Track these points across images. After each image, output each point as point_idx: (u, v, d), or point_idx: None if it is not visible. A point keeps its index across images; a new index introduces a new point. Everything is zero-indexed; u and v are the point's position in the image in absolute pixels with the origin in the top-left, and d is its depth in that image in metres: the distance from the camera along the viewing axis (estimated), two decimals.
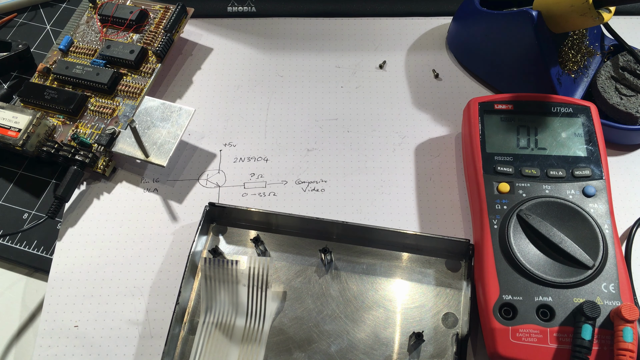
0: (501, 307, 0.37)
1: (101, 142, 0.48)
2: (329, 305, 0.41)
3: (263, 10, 0.58)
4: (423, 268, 0.43)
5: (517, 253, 0.38)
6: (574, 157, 0.43)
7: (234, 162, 0.50)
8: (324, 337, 0.40)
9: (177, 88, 0.54)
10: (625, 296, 0.37)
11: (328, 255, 0.42)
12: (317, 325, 0.41)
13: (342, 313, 0.41)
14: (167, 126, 0.48)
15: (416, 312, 0.41)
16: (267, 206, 0.47)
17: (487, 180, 0.42)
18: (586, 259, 0.38)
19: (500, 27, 0.48)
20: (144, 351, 0.41)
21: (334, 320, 0.41)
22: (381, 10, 0.58)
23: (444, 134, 0.50)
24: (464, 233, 0.45)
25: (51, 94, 0.50)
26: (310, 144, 0.50)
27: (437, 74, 0.54)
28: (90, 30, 0.55)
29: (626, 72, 0.48)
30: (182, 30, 0.54)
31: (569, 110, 0.45)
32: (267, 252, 0.44)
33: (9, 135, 0.47)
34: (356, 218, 0.46)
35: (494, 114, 0.45)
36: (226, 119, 0.52)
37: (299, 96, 0.53)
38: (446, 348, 0.39)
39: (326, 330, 0.40)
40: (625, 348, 0.34)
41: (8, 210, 0.48)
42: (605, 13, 0.43)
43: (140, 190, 0.48)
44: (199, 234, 0.43)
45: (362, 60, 0.55)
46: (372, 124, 0.51)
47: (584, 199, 0.41)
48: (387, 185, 0.48)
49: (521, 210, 0.40)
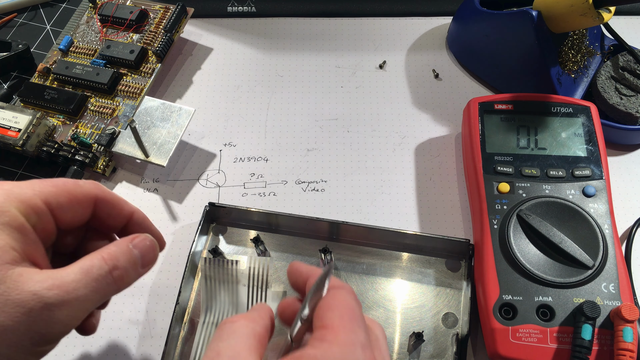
0: (501, 307, 0.37)
1: (101, 142, 0.48)
2: None
3: (263, 10, 0.58)
4: (423, 268, 0.43)
5: (517, 253, 0.38)
6: (574, 157, 0.43)
7: (234, 162, 0.50)
8: None
9: (177, 88, 0.54)
10: (625, 296, 0.37)
11: (328, 255, 0.42)
12: None
13: None
14: (167, 126, 0.48)
15: (416, 312, 0.41)
16: (267, 206, 0.47)
17: (487, 180, 0.42)
18: (586, 259, 0.38)
19: (500, 27, 0.48)
20: (144, 351, 0.41)
21: None
22: (381, 10, 0.58)
23: (444, 134, 0.50)
24: (464, 233, 0.45)
25: (51, 94, 0.50)
26: (310, 144, 0.50)
27: (437, 74, 0.54)
28: (90, 30, 0.55)
29: (626, 72, 0.48)
30: (182, 30, 0.54)
31: (569, 110, 0.45)
32: (267, 252, 0.44)
33: (9, 135, 0.47)
34: (356, 218, 0.46)
35: (494, 114, 0.45)
36: (226, 119, 0.52)
37: (299, 96, 0.53)
38: (446, 348, 0.39)
39: None
40: (625, 348, 0.34)
41: None
42: (605, 13, 0.43)
43: (140, 190, 0.48)
44: (199, 234, 0.43)
45: (362, 60, 0.55)
46: (372, 124, 0.51)
47: (584, 199, 0.41)
48: (387, 185, 0.48)
49: (521, 210, 0.40)
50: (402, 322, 0.41)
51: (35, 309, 0.27)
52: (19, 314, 0.27)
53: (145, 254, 0.32)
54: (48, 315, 0.27)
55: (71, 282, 0.28)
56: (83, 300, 0.28)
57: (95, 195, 0.33)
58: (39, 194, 0.30)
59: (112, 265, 0.30)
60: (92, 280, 0.29)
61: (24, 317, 0.27)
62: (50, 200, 0.30)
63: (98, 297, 0.29)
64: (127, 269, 0.31)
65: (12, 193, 0.29)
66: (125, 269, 0.31)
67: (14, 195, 0.29)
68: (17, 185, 0.30)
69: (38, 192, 0.30)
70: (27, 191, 0.30)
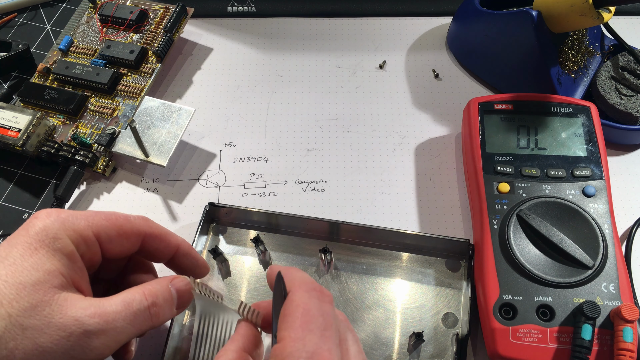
0: (501, 307, 0.37)
1: (101, 142, 0.48)
2: None
3: (263, 10, 0.58)
4: (423, 268, 0.43)
5: (517, 253, 0.38)
6: (574, 157, 0.43)
7: (234, 162, 0.50)
8: None
9: (177, 88, 0.54)
10: (625, 296, 0.37)
11: (328, 255, 0.42)
12: None
13: None
14: (167, 126, 0.48)
15: (416, 312, 0.41)
16: (267, 206, 0.47)
17: (487, 180, 0.42)
18: (586, 259, 0.38)
19: (500, 27, 0.48)
20: (144, 351, 0.41)
21: None
22: (381, 10, 0.58)
23: (444, 134, 0.50)
24: (464, 233, 0.45)
25: (51, 94, 0.50)
26: (310, 144, 0.50)
27: (437, 74, 0.54)
28: (90, 30, 0.55)
29: (626, 72, 0.48)
30: (182, 30, 0.54)
31: (569, 110, 0.45)
32: (267, 252, 0.44)
33: (9, 135, 0.47)
34: (356, 218, 0.46)
35: (494, 114, 0.45)
36: (226, 119, 0.52)
37: (299, 96, 0.53)
38: (446, 348, 0.39)
39: None
40: (625, 348, 0.34)
41: (8, 210, 0.48)
42: (605, 13, 0.43)
43: (140, 190, 0.48)
44: (199, 234, 0.43)
45: (362, 60, 0.55)
46: (372, 124, 0.51)
47: (584, 199, 0.41)
48: (387, 185, 0.48)
49: (521, 210, 0.40)
50: (402, 322, 0.41)
51: (75, 334, 0.28)
52: (59, 337, 0.28)
53: (181, 295, 0.34)
54: (86, 342, 0.29)
55: (112, 312, 0.30)
56: (120, 331, 0.30)
57: (143, 231, 0.35)
58: (91, 226, 0.32)
59: (152, 302, 0.32)
60: (131, 314, 0.31)
61: (64, 341, 0.28)
62: (100, 232, 0.32)
63: (134, 330, 0.31)
64: (164, 308, 0.33)
65: (67, 222, 0.31)
66: (162, 307, 0.32)
67: (68, 224, 0.31)
68: (73, 215, 0.32)
69: (91, 223, 0.32)
70: (81, 222, 0.32)
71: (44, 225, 0.30)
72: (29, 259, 0.29)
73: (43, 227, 0.30)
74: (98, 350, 0.29)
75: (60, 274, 0.30)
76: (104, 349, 0.29)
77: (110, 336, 0.29)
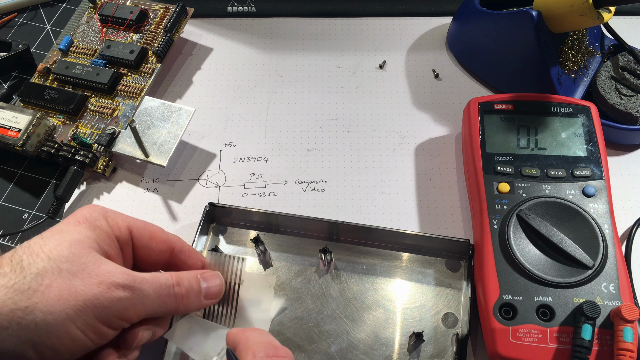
0: (501, 307, 0.37)
1: (101, 142, 0.48)
2: (329, 305, 0.41)
3: (263, 10, 0.58)
4: (423, 268, 0.43)
5: (517, 253, 0.38)
6: (574, 157, 0.43)
7: (234, 162, 0.50)
8: (324, 337, 0.40)
9: (177, 88, 0.54)
10: (625, 296, 0.37)
11: (328, 255, 0.42)
12: (317, 326, 0.41)
13: (342, 313, 0.41)
14: (167, 126, 0.48)
15: (416, 312, 0.41)
16: (267, 206, 0.47)
17: (487, 180, 0.42)
18: (586, 259, 0.38)
19: (500, 27, 0.48)
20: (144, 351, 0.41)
21: (334, 320, 0.41)
22: (381, 10, 0.58)
23: (444, 134, 0.50)
24: (464, 233, 0.45)
25: (51, 94, 0.50)
26: (310, 144, 0.50)
27: (437, 74, 0.54)
28: (90, 30, 0.55)
29: (626, 72, 0.48)
30: (182, 30, 0.54)
31: (569, 110, 0.45)
32: (267, 252, 0.44)
33: (9, 135, 0.47)
34: (356, 218, 0.46)
35: (494, 114, 0.45)
36: (226, 119, 0.52)
37: (299, 96, 0.53)
38: (446, 348, 0.39)
39: (326, 330, 0.40)
40: (625, 348, 0.34)
41: (8, 210, 0.48)
42: (605, 13, 0.43)
43: (140, 190, 0.48)
44: (199, 234, 0.43)
45: (362, 60, 0.55)
46: (372, 124, 0.51)
47: (584, 199, 0.41)
48: (387, 185, 0.48)
49: (521, 210, 0.40)
50: (402, 322, 0.41)
51: (105, 283, 0.31)
52: (91, 282, 0.31)
53: (210, 286, 0.37)
54: (114, 292, 0.32)
55: (140, 276, 0.33)
56: (146, 294, 0.33)
57: (174, 243, 0.38)
58: (126, 221, 0.36)
59: (176, 281, 0.35)
60: (158, 285, 0.34)
61: (94, 286, 0.31)
62: (134, 230, 0.36)
63: (157, 303, 0.34)
64: (189, 291, 0.35)
65: (108, 212, 0.36)
66: (186, 290, 0.35)
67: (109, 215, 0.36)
68: (113, 211, 0.36)
69: (127, 219, 0.36)
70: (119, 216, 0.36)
71: (89, 211, 0.35)
72: (72, 227, 0.34)
73: (88, 212, 0.35)
74: (123, 304, 0.32)
75: (97, 243, 0.34)
76: (129, 305, 0.32)
77: (137, 295, 0.32)
